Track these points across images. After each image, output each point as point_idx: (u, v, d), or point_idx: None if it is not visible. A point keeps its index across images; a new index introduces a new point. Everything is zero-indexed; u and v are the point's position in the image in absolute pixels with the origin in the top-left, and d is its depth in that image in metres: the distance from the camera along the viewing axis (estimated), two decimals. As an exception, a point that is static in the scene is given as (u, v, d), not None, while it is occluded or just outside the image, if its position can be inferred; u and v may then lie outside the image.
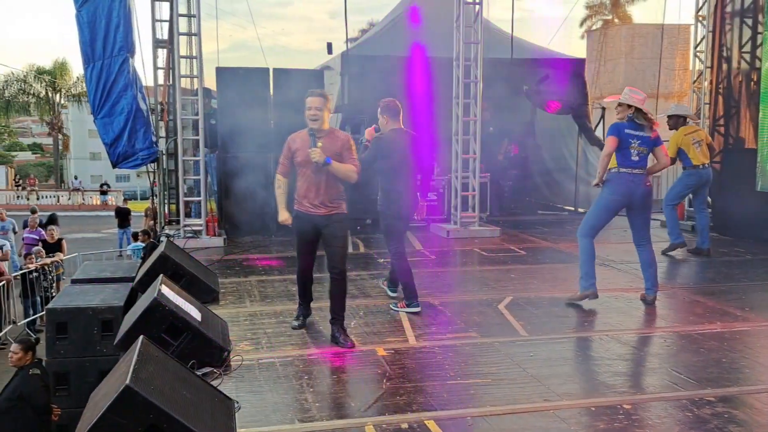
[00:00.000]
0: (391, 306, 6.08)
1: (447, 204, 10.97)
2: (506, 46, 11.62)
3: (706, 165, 8.44)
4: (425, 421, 3.78)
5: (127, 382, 2.78)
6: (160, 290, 4.39)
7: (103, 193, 38.04)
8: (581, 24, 32.52)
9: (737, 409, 3.94)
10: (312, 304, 5.67)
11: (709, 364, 4.65)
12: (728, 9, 10.76)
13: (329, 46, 12.93)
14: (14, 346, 5.73)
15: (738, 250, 8.77)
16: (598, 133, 12.45)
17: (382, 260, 8.30)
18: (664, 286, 6.92)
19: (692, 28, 11.83)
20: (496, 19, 13.31)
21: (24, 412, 5.37)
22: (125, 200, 19.83)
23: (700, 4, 11.10)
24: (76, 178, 49.44)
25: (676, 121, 8.53)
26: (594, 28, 30.08)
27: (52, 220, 16.63)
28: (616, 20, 31.49)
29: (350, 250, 9.21)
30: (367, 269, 7.80)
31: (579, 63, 13.32)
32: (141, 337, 3.43)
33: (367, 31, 19.72)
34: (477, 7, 10.22)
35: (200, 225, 9.46)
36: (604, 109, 12.96)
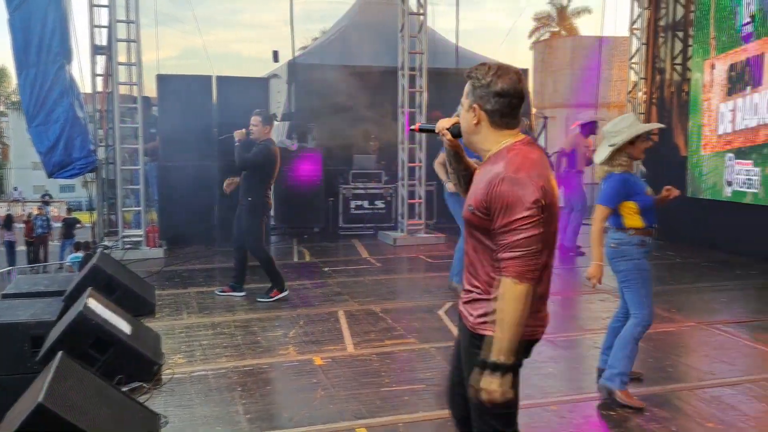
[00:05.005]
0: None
1: (394, 212, 11.00)
2: (451, 56, 11.76)
3: None
4: (356, 429, 3.80)
5: (40, 399, 2.71)
6: (86, 304, 4.29)
7: (45, 203, 36.89)
8: (530, 35, 33.17)
9: (659, 407, 4.06)
10: (250, 307, 5.54)
11: (634, 365, 4.77)
12: (661, 23, 11.15)
13: (275, 54, 12.88)
14: None
15: (669, 253, 9.01)
16: (541, 142, 12.67)
17: (327, 269, 8.28)
18: (594, 289, 7.07)
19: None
20: (442, 29, 13.52)
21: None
22: (69, 210, 19.29)
23: (635, 18, 11.47)
24: (15, 188, 47.86)
25: (592, 128, 8.98)
26: (542, 39, 30.67)
27: (8, 222, 16.50)
28: (563, 32, 32.20)
29: (295, 259, 9.22)
30: (311, 278, 7.77)
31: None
32: (60, 352, 3.34)
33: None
34: (421, 17, 10.34)
35: (140, 236, 9.28)
36: (546, 118, 13.22)
